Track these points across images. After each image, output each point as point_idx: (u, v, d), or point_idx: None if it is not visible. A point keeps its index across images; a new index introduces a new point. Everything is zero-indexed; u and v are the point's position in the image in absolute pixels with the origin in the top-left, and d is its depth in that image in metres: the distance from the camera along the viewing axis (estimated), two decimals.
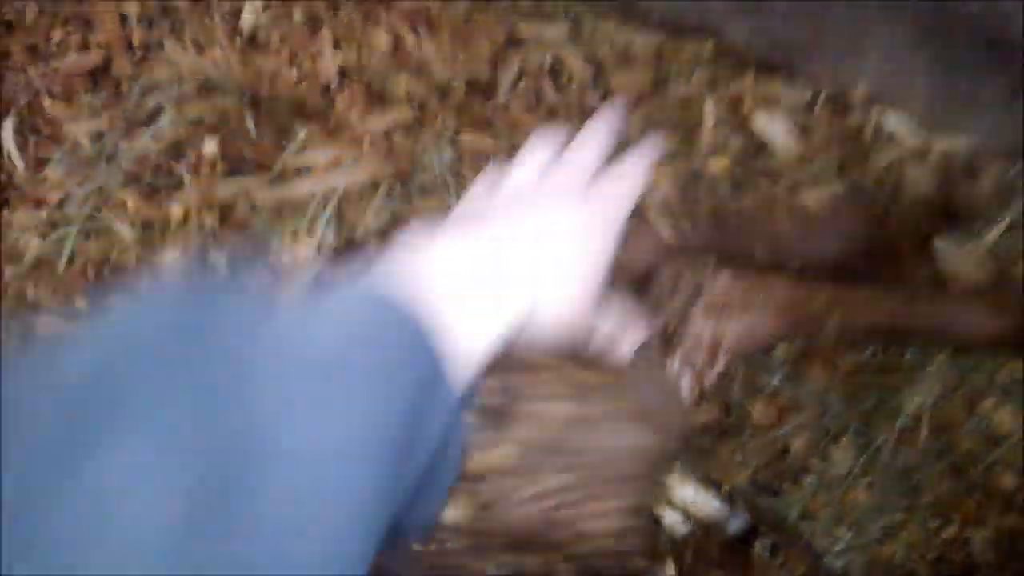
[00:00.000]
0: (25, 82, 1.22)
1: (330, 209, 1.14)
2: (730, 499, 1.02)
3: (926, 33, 1.05)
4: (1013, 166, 1.10)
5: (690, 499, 1.02)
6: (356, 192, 1.17)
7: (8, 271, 1.10)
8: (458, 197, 1.15)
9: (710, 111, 1.19)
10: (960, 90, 1.09)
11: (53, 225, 1.14)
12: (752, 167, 1.15)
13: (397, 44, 1.20)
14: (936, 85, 1.10)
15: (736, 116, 1.19)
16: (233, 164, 1.15)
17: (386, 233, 1.10)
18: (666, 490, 1.02)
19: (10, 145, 1.18)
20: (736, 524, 1.02)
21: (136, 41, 1.25)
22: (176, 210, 1.11)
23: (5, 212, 1.14)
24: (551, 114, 1.24)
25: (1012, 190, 1.09)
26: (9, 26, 1.26)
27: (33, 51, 1.24)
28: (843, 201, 1.08)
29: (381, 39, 1.19)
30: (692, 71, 1.21)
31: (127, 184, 1.11)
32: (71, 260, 1.11)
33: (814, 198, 1.10)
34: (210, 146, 1.14)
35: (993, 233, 1.07)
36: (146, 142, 1.12)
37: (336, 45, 1.21)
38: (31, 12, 1.26)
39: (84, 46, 1.27)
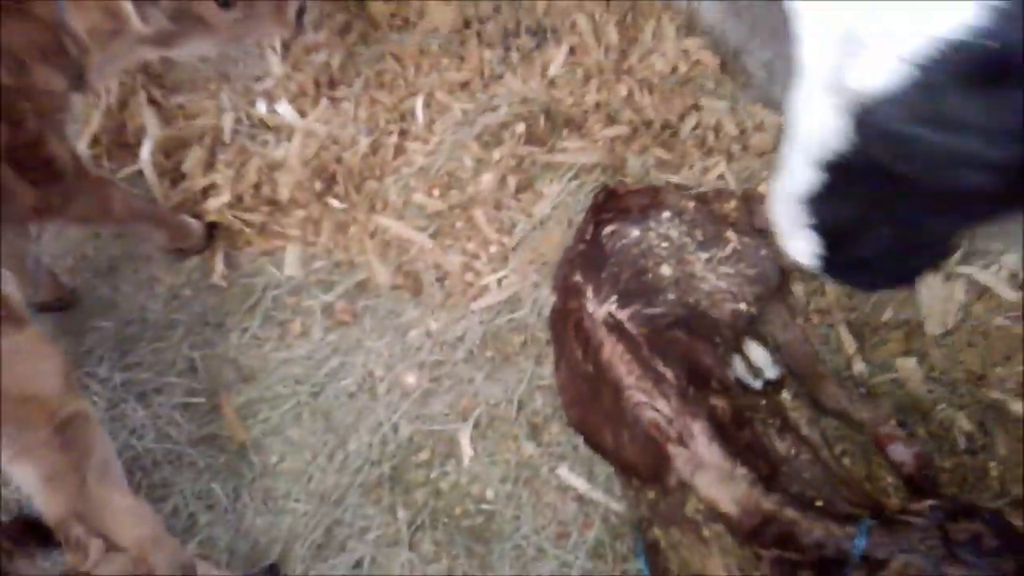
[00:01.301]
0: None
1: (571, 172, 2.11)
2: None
3: None
4: None
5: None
6: (588, 168, 2.13)
7: None
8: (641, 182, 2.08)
9: None
10: None
11: None
12: None
13: (630, 93, 2.17)
14: None
15: None
16: (531, 140, 2.15)
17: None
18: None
19: None
20: (774, 372, 1.78)
21: (486, 72, 2.30)
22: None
23: None
24: (708, 152, 2.14)
25: None
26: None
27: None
28: None
29: (622, 89, 2.16)
30: None
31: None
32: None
33: None
34: (520, 128, 2.15)
35: None
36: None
37: (597, 90, 2.19)
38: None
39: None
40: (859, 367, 1.87)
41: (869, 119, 1.12)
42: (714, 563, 1.47)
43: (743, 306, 1.69)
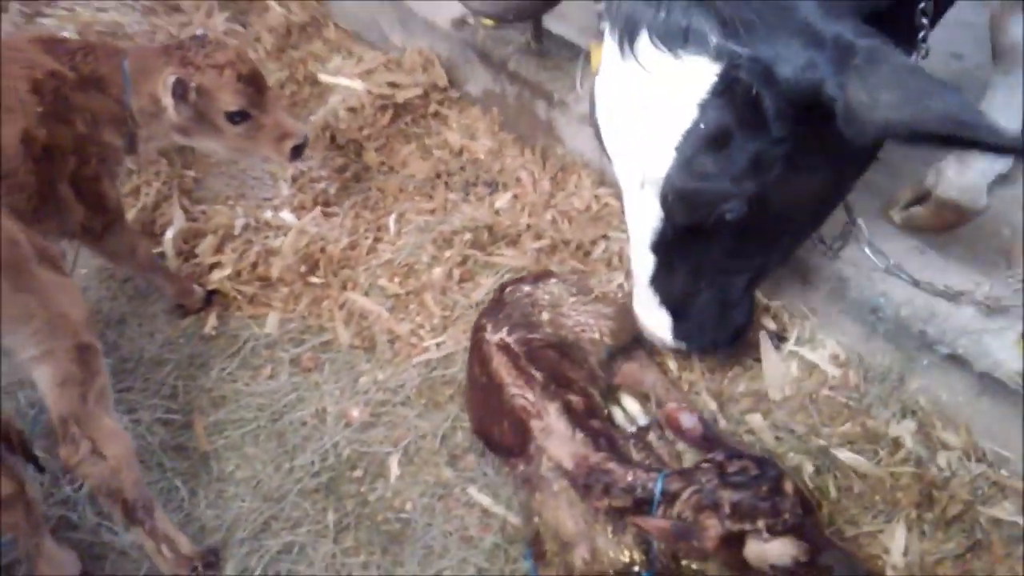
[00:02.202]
0: None
1: (504, 270, 2.69)
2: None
3: None
4: None
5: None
6: (517, 270, 2.71)
7: None
8: None
9: None
10: None
11: None
12: None
13: (554, 220, 2.81)
14: None
15: None
16: (475, 246, 2.76)
17: None
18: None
19: None
20: (644, 420, 2.22)
21: (448, 206, 2.97)
22: None
23: None
24: (613, 268, 2.73)
25: None
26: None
27: None
28: None
29: (548, 216, 2.81)
30: None
31: None
32: None
33: None
34: (467, 236, 2.77)
35: None
36: None
37: (529, 215, 2.84)
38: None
39: None
40: (722, 423, 2.32)
41: (667, 188, 1.72)
42: (563, 515, 1.85)
43: (598, 335, 2.20)
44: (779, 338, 2.40)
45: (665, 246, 1.92)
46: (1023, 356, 2.00)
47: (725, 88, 1.53)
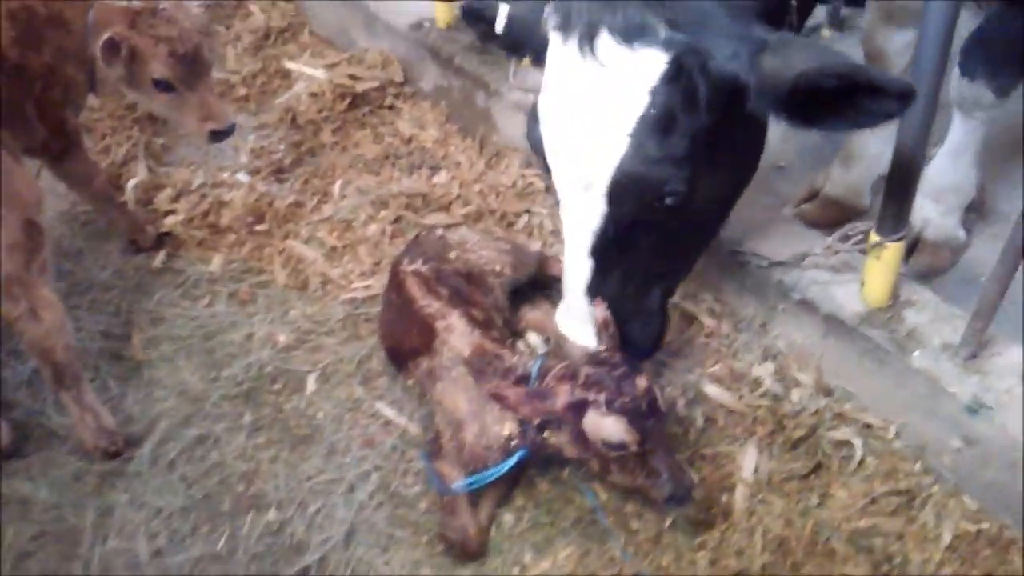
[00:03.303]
0: None
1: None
2: None
3: None
4: None
5: None
6: None
7: None
8: None
9: None
10: None
11: None
12: None
13: (482, 193, 3.12)
14: None
15: None
16: (408, 208, 3.06)
17: None
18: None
19: None
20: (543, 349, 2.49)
21: (392, 181, 3.28)
22: None
23: None
24: (532, 237, 3.03)
25: None
26: None
27: None
28: None
29: (477, 188, 3.12)
30: None
31: None
32: None
33: None
34: (403, 201, 3.06)
35: None
36: None
37: (460, 187, 3.15)
38: None
39: None
40: None
41: (618, 175, 1.86)
42: (459, 398, 2.08)
43: (499, 267, 2.48)
44: None
45: (603, 248, 2.01)
46: (863, 298, 2.29)
47: (673, 75, 1.75)
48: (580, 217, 1.98)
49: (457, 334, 2.15)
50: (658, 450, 1.89)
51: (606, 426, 1.83)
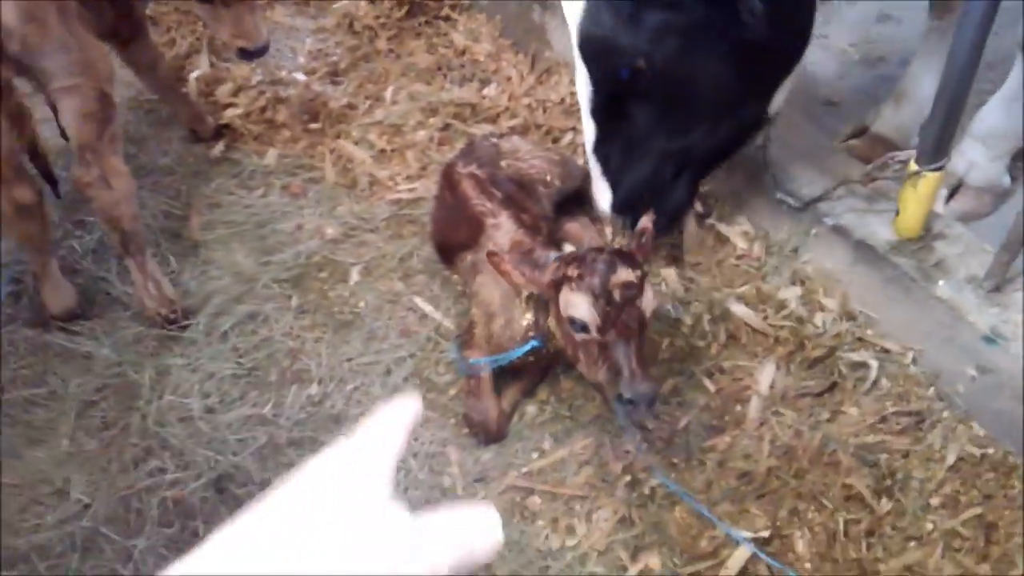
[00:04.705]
0: None
1: None
2: None
3: None
4: None
5: None
6: None
7: None
8: None
9: None
10: None
11: None
12: None
13: (531, 107, 3.18)
14: None
15: None
16: (457, 117, 3.13)
17: None
18: None
19: None
20: None
21: (443, 90, 3.34)
22: None
23: None
24: (578, 156, 3.09)
25: None
26: None
27: None
28: None
29: (526, 102, 3.18)
30: None
31: None
32: None
33: None
34: (452, 109, 3.14)
35: None
36: None
37: (509, 100, 3.21)
38: None
39: None
40: None
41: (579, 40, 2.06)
42: (493, 290, 2.19)
43: (548, 177, 2.55)
44: (703, 216, 2.75)
45: (599, 112, 2.20)
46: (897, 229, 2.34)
47: None
48: (580, 76, 2.21)
49: (503, 231, 2.25)
50: (623, 347, 1.80)
51: (571, 301, 1.82)
